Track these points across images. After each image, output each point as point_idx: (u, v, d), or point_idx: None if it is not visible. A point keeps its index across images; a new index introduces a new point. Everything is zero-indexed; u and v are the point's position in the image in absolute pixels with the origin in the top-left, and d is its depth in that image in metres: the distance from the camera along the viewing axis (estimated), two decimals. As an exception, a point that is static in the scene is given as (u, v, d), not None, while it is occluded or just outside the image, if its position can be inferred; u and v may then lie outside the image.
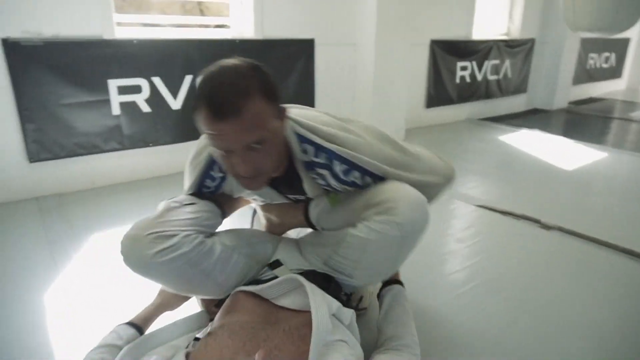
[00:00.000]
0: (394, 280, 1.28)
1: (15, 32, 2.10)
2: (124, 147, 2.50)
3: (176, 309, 1.25)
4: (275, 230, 1.36)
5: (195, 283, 1.08)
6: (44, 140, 2.26)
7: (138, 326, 1.12)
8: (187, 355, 0.91)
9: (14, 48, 2.10)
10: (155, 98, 2.54)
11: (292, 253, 1.22)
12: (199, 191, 1.25)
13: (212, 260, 1.08)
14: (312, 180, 1.19)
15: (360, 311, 1.30)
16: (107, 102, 2.40)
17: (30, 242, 1.84)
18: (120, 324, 1.11)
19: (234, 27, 2.93)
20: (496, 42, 4.55)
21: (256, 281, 1.15)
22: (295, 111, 1.12)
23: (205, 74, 0.97)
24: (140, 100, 2.50)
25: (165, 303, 1.22)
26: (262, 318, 1.00)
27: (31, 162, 2.26)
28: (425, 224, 1.03)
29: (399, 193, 1.04)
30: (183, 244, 1.02)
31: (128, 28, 2.61)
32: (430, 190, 1.18)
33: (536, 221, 2.07)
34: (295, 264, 1.18)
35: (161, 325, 1.15)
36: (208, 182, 1.24)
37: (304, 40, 3.08)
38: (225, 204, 1.26)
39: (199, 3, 3.31)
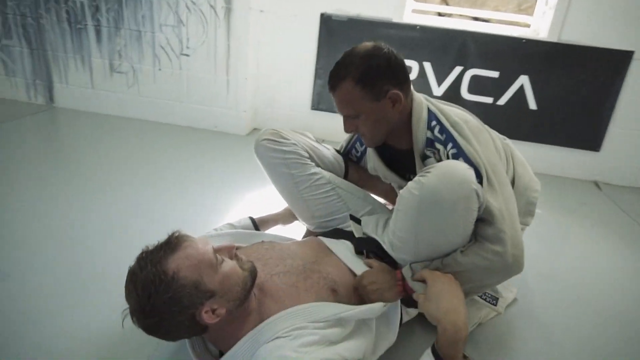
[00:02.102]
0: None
1: (330, 9, 2.70)
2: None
3: (287, 225, 1.54)
4: None
5: (286, 186, 1.33)
6: (323, 95, 2.86)
7: (255, 223, 1.48)
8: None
9: (326, 21, 2.72)
10: (419, 81, 2.74)
11: (376, 221, 1.28)
12: (347, 154, 1.49)
13: (305, 175, 1.30)
14: (422, 162, 1.23)
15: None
16: (379, 76, 2.77)
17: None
18: (247, 216, 1.49)
19: (532, 26, 2.74)
20: None
21: (338, 230, 1.30)
22: (441, 104, 1.24)
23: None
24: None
25: (281, 217, 1.54)
26: (308, 257, 1.15)
27: (312, 109, 2.92)
28: (448, 195, 0.97)
29: (443, 163, 1.05)
30: (287, 146, 1.29)
31: (430, 16, 2.87)
32: (497, 234, 1.05)
33: None
34: (368, 229, 1.26)
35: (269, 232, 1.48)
36: (354, 150, 1.49)
37: (616, 51, 2.54)
38: (355, 171, 1.46)
39: (535, 2, 3.19)
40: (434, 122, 1.17)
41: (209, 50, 2.73)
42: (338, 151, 1.48)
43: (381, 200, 1.48)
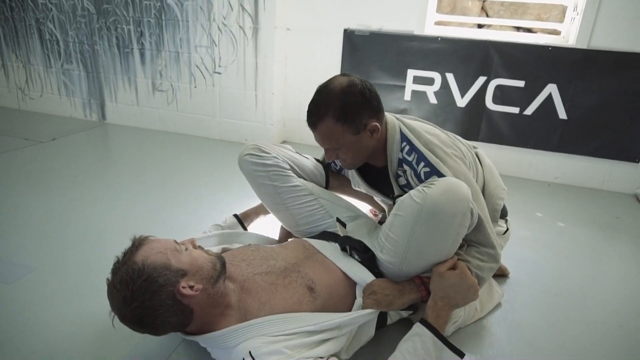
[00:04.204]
0: (429, 325, 1.09)
1: (352, 24, 2.79)
2: (404, 129, 2.88)
3: (267, 215, 1.62)
4: None
5: (270, 197, 1.40)
6: (348, 108, 2.93)
7: (240, 219, 1.58)
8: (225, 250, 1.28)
9: (349, 36, 2.81)
10: (443, 92, 2.74)
11: (361, 225, 1.33)
12: (328, 165, 1.56)
13: (287, 186, 1.37)
14: (396, 181, 1.30)
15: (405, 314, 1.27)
16: (402, 88, 2.81)
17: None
18: (231, 215, 1.59)
19: (562, 33, 2.65)
20: None
21: (325, 232, 1.37)
22: (412, 122, 1.30)
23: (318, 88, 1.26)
24: (430, 91, 2.77)
25: (261, 209, 1.63)
26: (290, 259, 1.22)
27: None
28: (448, 209, 1.03)
29: (446, 179, 1.10)
30: (268, 159, 1.35)
31: (456, 28, 2.87)
32: (482, 234, 1.18)
33: None
34: (354, 232, 1.30)
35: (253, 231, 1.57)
36: (333, 164, 1.57)
37: (654, 56, 2.41)
38: (335, 179, 1.54)
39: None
40: (404, 144, 1.24)
41: (238, 67, 2.90)
42: (319, 160, 1.55)
43: (363, 207, 1.53)
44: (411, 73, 2.77)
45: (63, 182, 2.30)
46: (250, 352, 0.95)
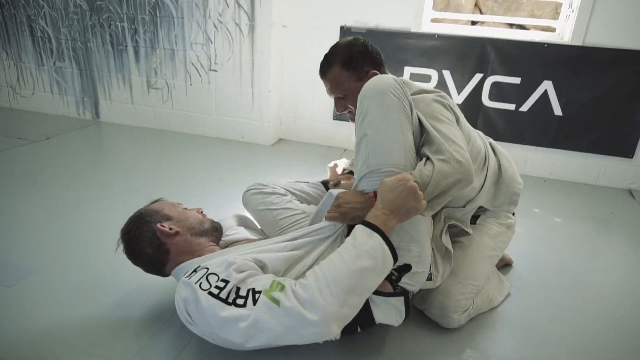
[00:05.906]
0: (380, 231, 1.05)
1: (349, 21, 2.79)
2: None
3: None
4: None
5: (268, 221, 1.46)
6: (344, 105, 2.94)
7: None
8: None
9: (346, 33, 2.80)
10: (440, 89, 2.71)
11: None
12: (326, 183, 1.70)
13: (282, 208, 1.46)
14: None
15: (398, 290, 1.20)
16: (399, 85, 2.81)
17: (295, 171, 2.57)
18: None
19: (557, 30, 2.67)
20: None
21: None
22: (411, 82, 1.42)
23: None
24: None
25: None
26: None
27: (333, 119, 3.01)
28: (377, 82, 1.14)
29: None
30: (267, 188, 1.52)
31: (451, 25, 2.88)
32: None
33: None
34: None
35: None
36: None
37: (648, 53, 2.44)
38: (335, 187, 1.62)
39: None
40: None
41: (234, 65, 2.89)
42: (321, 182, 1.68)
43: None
44: (408, 70, 2.77)
45: (59, 181, 2.28)
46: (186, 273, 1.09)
